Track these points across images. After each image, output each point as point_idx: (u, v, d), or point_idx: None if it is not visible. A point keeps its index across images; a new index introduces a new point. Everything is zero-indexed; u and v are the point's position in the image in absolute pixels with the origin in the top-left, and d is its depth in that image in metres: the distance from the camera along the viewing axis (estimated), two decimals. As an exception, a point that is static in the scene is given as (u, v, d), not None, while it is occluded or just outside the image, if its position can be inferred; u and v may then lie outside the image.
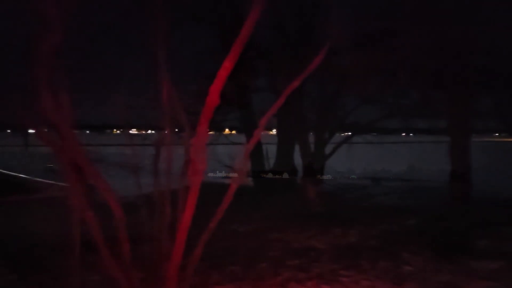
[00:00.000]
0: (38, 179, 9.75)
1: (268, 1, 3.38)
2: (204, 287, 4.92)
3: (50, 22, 2.92)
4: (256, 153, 12.25)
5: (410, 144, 35.83)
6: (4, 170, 10.58)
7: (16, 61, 4.71)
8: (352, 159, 18.46)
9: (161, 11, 4.64)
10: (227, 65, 3.50)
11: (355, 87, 10.95)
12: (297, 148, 13.30)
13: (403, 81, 10.53)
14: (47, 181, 9.56)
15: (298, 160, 13.47)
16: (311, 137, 13.59)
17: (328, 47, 3.99)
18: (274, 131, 14.86)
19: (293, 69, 4.34)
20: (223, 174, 12.33)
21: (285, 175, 12.21)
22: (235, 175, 4.55)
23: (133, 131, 5.35)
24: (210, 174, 11.85)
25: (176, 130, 4.86)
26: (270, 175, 12.57)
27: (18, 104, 3.44)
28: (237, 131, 15.99)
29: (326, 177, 13.54)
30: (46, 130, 3.48)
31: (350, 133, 14.92)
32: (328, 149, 13.92)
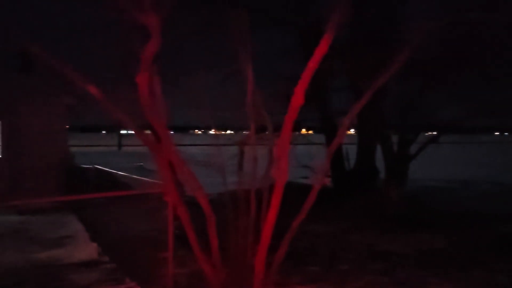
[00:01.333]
0: (133, 176, 10.56)
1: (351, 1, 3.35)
2: (286, 287, 4.98)
3: (150, 31, 3.16)
4: (336, 154, 12.05)
5: (505, 144, 32.84)
6: (101, 167, 11.62)
7: (114, 66, 5.15)
8: (438, 160, 17.41)
9: (244, 14, 4.79)
10: (311, 66, 3.52)
11: (443, 83, 10.30)
12: (378, 148, 12.85)
13: (496, 74, 9.69)
14: (139, 177, 10.33)
15: (379, 160, 13.04)
16: (394, 137, 13.04)
17: (413, 43, 3.84)
18: (352, 131, 14.46)
19: (375, 66, 4.22)
20: (302, 174, 12.33)
21: (366, 176, 11.87)
22: (316, 175, 4.56)
23: (215, 131, 5.57)
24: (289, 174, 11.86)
25: (259, 130, 4.98)
26: (350, 176, 12.31)
27: (118, 107, 3.77)
28: (315, 131, 15.84)
29: (409, 178, 12.91)
30: (144, 131, 3.78)
31: (436, 133, 14.04)
32: (413, 149, 13.25)
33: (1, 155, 10.32)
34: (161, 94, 3.78)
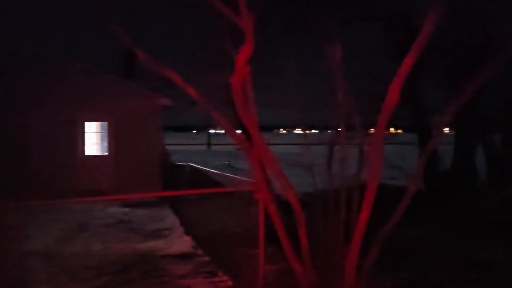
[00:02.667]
0: (225, 174, 11.05)
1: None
2: (379, 291, 4.81)
3: (245, 33, 3.26)
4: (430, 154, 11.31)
5: None
6: (194, 165, 12.30)
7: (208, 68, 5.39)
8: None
9: (334, 12, 4.72)
10: (408, 61, 3.36)
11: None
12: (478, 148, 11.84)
13: None
14: (230, 175, 10.77)
15: (480, 162, 12.00)
16: (496, 136, 11.90)
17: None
18: (446, 130, 13.47)
19: (475, 62, 3.90)
20: (391, 175, 11.80)
21: (464, 178, 10.99)
22: (410, 177, 4.34)
23: (302, 131, 5.56)
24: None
25: (348, 129, 4.88)
26: (445, 178, 11.50)
27: (213, 108, 3.95)
28: (404, 130, 15.06)
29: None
30: (237, 131, 3.92)
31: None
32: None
33: (108, 153, 11.41)
34: (253, 94, 3.89)
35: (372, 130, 4.57)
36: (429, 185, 11.83)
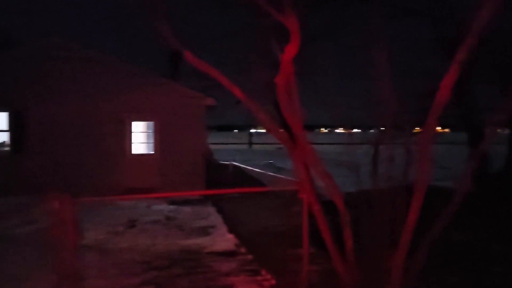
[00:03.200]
0: (268, 173, 11.13)
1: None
2: (425, 296, 4.67)
3: (290, 32, 3.26)
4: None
5: None
6: (237, 164, 12.43)
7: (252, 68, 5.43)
8: None
9: (379, 8, 4.61)
10: (460, 57, 3.24)
11: None
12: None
13: None
14: (273, 174, 10.82)
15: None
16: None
17: None
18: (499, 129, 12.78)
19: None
20: (438, 175, 11.39)
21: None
22: (460, 179, 4.17)
23: (347, 130, 5.47)
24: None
25: (394, 129, 4.76)
26: (496, 179, 10.94)
27: (257, 108, 3.97)
28: (451, 129, 14.47)
29: None
30: (282, 130, 3.93)
31: None
32: None
33: (154, 152, 11.77)
34: (297, 94, 3.88)
35: (418, 129, 4.44)
36: (479, 187, 11.27)
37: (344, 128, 5.47)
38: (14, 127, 10.95)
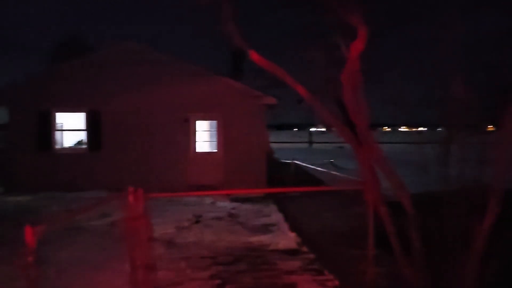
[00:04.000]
0: (331, 172, 11.01)
1: None
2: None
3: (356, 29, 3.21)
4: None
5: None
6: (299, 162, 12.41)
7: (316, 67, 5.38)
8: None
9: None
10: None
11: None
12: None
13: None
14: (337, 173, 10.68)
15: None
16: None
17: None
18: None
19: None
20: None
21: None
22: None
23: (404, 128, 5.26)
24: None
25: (465, 127, 4.50)
26: None
27: (321, 107, 3.94)
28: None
29: None
30: (347, 129, 3.87)
31: None
32: None
33: (217, 150, 12.09)
34: (363, 92, 3.80)
35: (491, 128, 4.18)
36: None
37: (409, 127, 5.26)
38: (90, 126, 11.80)
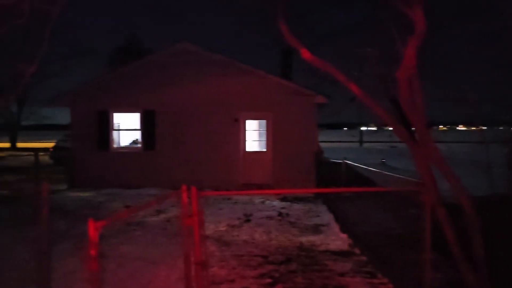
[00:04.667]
0: (383, 172, 10.68)
1: None
2: None
3: (415, 24, 3.08)
4: None
5: None
6: (350, 162, 12.17)
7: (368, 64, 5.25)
8: None
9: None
10: None
11: None
12: None
13: None
14: (386, 173, 10.35)
15: None
16: None
17: None
18: None
19: None
20: None
21: None
22: None
23: (461, 127, 4.99)
24: None
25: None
26: None
27: (375, 105, 3.83)
28: None
29: None
30: (402, 127, 3.73)
31: None
32: None
33: (266, 149, 12.13)
34: (420, 89, 3.65)
35: None
36: None
37: (468, 125, 4.99)
38: (145, 126, 12.26)
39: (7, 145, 34.61)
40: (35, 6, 4.57)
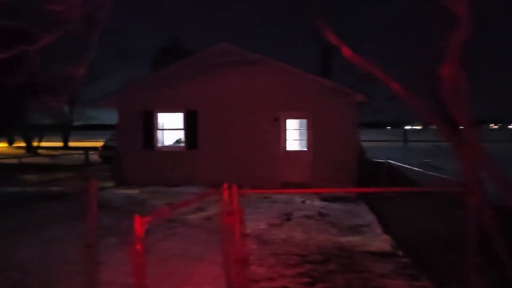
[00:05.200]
0: (428, 172, 10.36)
1: None
2: None
3: (459, 18, 2.99)
4: None
5: None
6: (393, 162, 11.88)
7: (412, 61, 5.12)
8: None
9: None
10: None
11: None
12: None
13: None
14: (431, 174, 10.03)
15: None
16: None
17: None
18: None
19: None
20: None
21: None
22: None
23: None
24: None
25: None
26: None
27: (418, 103, 3.74)
28: None
29: None
30: (446, 126, 3.62)
31: None
32: None
33: (306, 149, 12.08)
34: (466, 86, 3.53)
35: None
36: None
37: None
38: (187, 125, 12.57)
39: (60, 144, 36.60)
40: (85, 12, 4.81)
